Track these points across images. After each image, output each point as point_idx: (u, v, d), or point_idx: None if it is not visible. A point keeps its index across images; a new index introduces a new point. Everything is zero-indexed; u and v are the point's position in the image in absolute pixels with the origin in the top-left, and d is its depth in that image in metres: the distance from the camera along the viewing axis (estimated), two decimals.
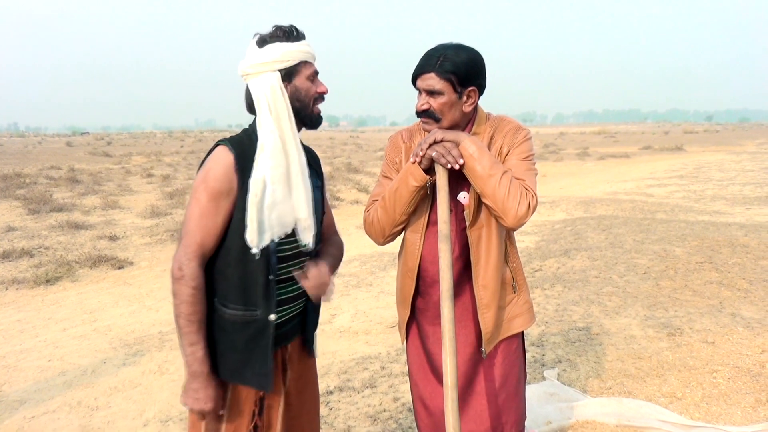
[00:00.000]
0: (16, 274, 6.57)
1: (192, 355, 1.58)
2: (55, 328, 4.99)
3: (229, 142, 1.63)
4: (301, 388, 1.83)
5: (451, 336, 1.67)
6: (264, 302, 1.62)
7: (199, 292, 1.58)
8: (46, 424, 3.32)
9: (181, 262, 1.58)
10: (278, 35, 1.63)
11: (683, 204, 10.68)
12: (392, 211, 1.84)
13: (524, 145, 1.82)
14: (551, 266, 6.13)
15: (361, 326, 4.72)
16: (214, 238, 1.60)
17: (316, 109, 1.71)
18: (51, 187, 13.82)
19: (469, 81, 1.76)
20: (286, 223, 1.62)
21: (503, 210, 1.68)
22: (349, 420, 3.13)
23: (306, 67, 1.66)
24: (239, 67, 1.65)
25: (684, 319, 4.28)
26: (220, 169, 1.59)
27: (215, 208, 1.59)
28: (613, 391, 3.23)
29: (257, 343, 1.63)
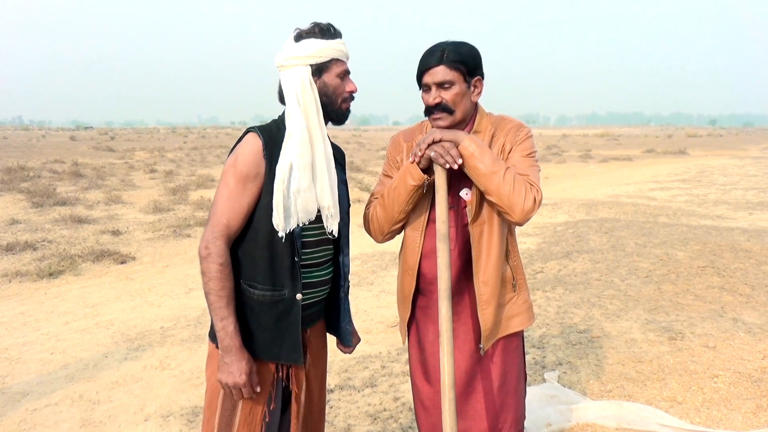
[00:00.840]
0: (20, 267, 6.59)
1: (223, 329, 1.64)
2: (58, 321, 5.00)
3: (259, 129, 1.71)
4: (320, 379, 1.90)
5: (449, 335, 1.68)
6: (291, 283, 1.69)
7: (226, 268, 1.64)
8: (48, 417, 3.34)
9: (208, 241, 1.64)
10: (314, 31, 1.70)
11: (686, 208, 10.67)
12: (390, 209, 1.87)
13: (526, 142, 1.84)
14: (553, 268, 6.14)
15: (362, 325, 4.73)
16: (240, 220, 1.67)
17: (344, 106, 1.77)
18: (55, 181, 13.86)
19: (476, 70, 1.82)
20: (310, 209, 1.68)
21: (509, 205, 1.70)
22: (350, 419, 3.14)
23: (337, 64, 1.72)
24: (276, 58, 1.72)
25: (685, 323, 4.28)
26: (249, 154, 1.67)
27: (242, 191, 1.66)
28: (613, 395, 3.23)
29: (286, 320, 1.70)
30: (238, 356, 1.64)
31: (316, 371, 1.88)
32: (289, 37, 1.73)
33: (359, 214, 2.15)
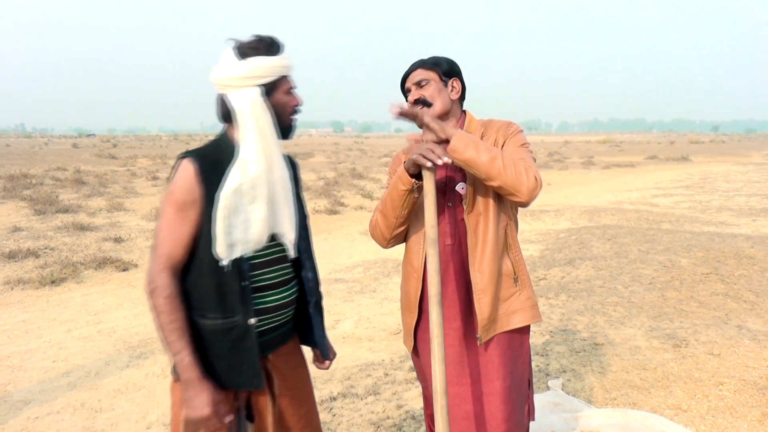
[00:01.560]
0: (22, 275, 6.59)
1: (180, 363, 1.60)
2: (60, 329, 5.00)
3: (192, 154, 1.64)
4: (300, 401, 1.82)
5: (440, 341, 1.68)
6: (242, 308, 1.63)
7: (174, 300, 1.60)
8: (49, 425, 3.33)
9: (152, 275, 1.60)
10: (260, 48, 1.61)
11: (689, 214, 10.65)
12: (388, 215, 1.92)
13: (518, 135, 1.90)
14: (556, 275, 6.12)
15: (364, 332, 4.71)
16: (182, 249, 1.62)
17: (290, 120, 1.72)
18: (57, 188, 13.89)
19: (452, 73, 1.93)
20: (261, 239, 1.63)
21: (514, 186, 1.71)
22: (352, 427, 3.12)
23: (284, 81, 1.67)
24: (214, 75, 1.62)
25: (689, 330, 4.26)
26: (184, 181, 1.60)
27: (181, 219, 1.61)
28: (617, 402, 3.21)
29: (241, 347, 1.65)
30: (199, 388, 1.60)
31: (293, 395, 1.81)
32: (227, 51, 1.62)
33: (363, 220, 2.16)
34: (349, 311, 5.30)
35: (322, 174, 18.43)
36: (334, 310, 5.33)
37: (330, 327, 4.87)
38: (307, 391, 1.86)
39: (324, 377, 3.81)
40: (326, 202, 12.14)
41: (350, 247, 8.29)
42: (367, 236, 8.91)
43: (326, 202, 12.14)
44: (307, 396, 1.85)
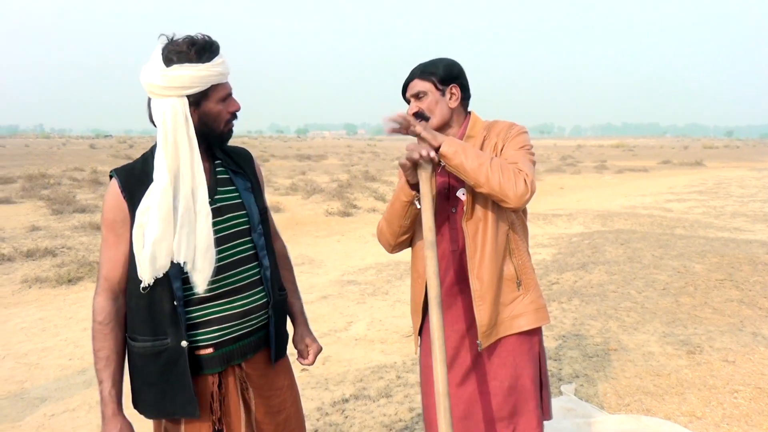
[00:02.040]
0: (39, 273, 6.68)
1: (100, 393, 1.55)
2: (76, 327, 5.06)
3: (117, 170, 1.58)
4: (277, 409, 1.75)
5: (441, 343, 1.67)
6: (173, 329, 1.54)
7: (105, 327, 1.55)
8: (65, 422, 3.38)
9: (93, 300, 1.58)
10: (189, 54, 1.49)
11: (703, 220, 10.55)
12: (391, 223, 1.95)
13: (518, 137, 1.88)
14: (568, 279, 6.10)
15: (376, 335, 4.73)
16: (119, 269, 1.56)
17: (226, 128, 1.62)
18: (74, 188, 14.05)
19: (449, 80, 1.91)
20: (158, 264, 1.50)
21: (502, 192, 1.71)
22: (365, 429, 3.14)
23: (217, 89, 1.55)
24: (142, 78, 1.52)
25: (704, 337, 4.23)
26: (109, 200, 1.55)
27: (115, 239, 1.55)
28: (631, 408, 3.20)
29: (172, 371, 1.55)
30: (110, 425, 1.54)
31: (269, 402, 1.73)
32: (155, 54, 1.50)
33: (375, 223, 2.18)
34: (361, 313, 5.32)
35: (335, 176, 18.49)
36: (346, 312, 5.35)
37: (342, 329, 4.89)
38: (286, 398, 1.78)
39: (336, 379, 3.83)
40: (339, 204, 12.18)
41: (363, 249, 8.32)
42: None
43: (339, 204, 12.18)
44: (285, 403, 1.77)
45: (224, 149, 1.71)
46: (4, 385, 3.89)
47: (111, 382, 1.55)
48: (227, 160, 1.70)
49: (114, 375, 1.56)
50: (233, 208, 1.65)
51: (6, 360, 4.34)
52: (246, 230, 1.67)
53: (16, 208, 11.02)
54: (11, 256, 7.27)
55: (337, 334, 4.76)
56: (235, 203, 1.66)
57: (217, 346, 1.60)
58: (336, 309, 5.45)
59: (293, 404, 1.81)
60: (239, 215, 1.66)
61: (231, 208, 1.65)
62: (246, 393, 1.68)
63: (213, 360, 1.61)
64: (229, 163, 1.70)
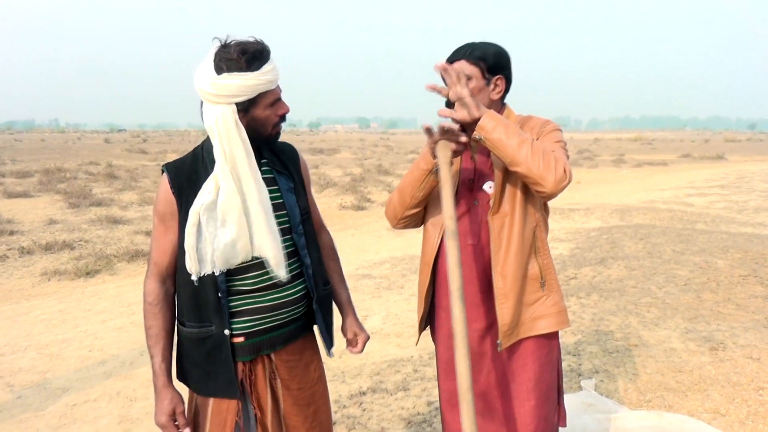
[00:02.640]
0: (58, 266, 6.76)
1: (152, 368, 1.66)
2: (95, 319, 5.11)
3: (168, 166, 1.65)
4: (307, 400, 1.79)
5: (463, 336, 1.61)
6: (217, 318, 1.63)
7: (154, 308, 1.65)
8: (87, 412, 3.41)
9: (144, 282, 1.68)
10: (239, 63, 1.51)
11: (725, 215, 10.38)
12: (404, 192, 1.88)
13: (553, 133, 1.82)
14: (587, 275, 6.03)
15: (392, 328, 4.71)
16: (167, 256, 1.65)
17: (275, 130, 1.66)
18: (90, 182, 14.22)
19: (497, 69, 1.81)
20: (232, 261, 1.60)
21: (540, 175, 1.63)
22: (383, 422, 3.13)
23: (266, 96, 1.58)
24: (195, 80, 1.56)
25: (727, 333, 4.15)
26: (160, 194, 1.64)
27: (164, 229, 1.65)
28: (652, 405, 3.15)
29: (216, 356, 1.65)
30: (162, 395, 1.64)
31: (298, 394, 1.78)
32: (207, 60, 1.53)
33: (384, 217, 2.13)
34: (376, 307, 5.30)
35: (348, 170, 18.49)
36: (361, 306, 5.34)
37: None
38: (315, 390, 1.82)
39: (353, 372, 3.82)
40: (353, 198, 12.17)
41: (377, 243, 8.30)
42: (394, 232, 8.90)
43: (353, 198, 12.17)
44: (315, 396, 1.82)
45: (271, 147, 1.76)
46: (27, 376, 3.94)
47: (161, 357, 1.65)
48: (273, 160, 1.75)
49: (164, 350, 1.65)
50: (275, 208, 1.69)
51: (28, 351, 4.39)
52: (287, 229, 1.72)
53: (33, 202, 11.18)
54: (30, 249, 7.37)
55: None
56: (276, 203, 1.70)
57: (248, 336, 1.67)
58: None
59: (322, 396, 1.85)
60: (280, 215, 1.70)
61: (273, 208, 1.69)
62: (274, 383, 1.74)
63: (244, 348, 1.68)
64: (274, 162, 1.75)
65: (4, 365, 4.13)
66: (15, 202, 11.06)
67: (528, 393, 1.83)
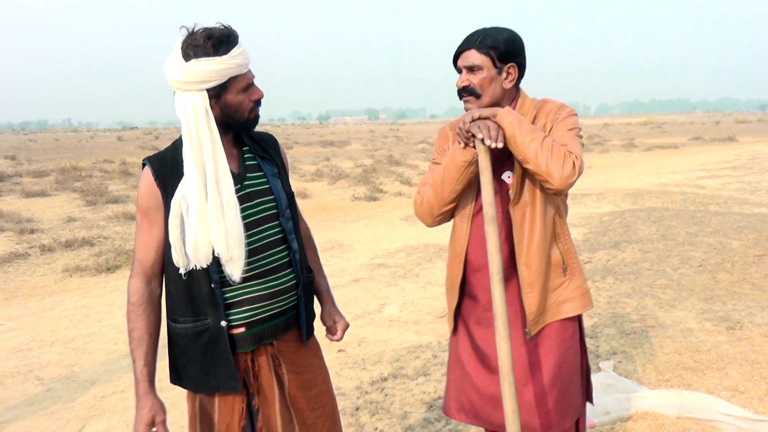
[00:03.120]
0: (79, 262, 6.89)
1: (134, 372, 1.61)
2: (118, 313, 5.21)
3: (150, 159, 1.63)
4: (309, 384, 1.80)
5: (504, 319, 1.66)
6: (212, 310, 1.60)
7: (138, 308, 1.60)
8: (115, 403, 3.50)
9: (128, 282, 1.63)
10: (206, 48, 1.49)
11: (737, 196, 10.32)
12: (441, 189, 1.86)
13: (568, 119, 1.83)
14: (601, 258, 6.05)
15: (410, 316, 4.77)
16: (152, 254, 1.61)
17: (251, 115, 1.64)
18: (105, 180, 14.36)
19: (509, 57, 1.79)
20: (201, 255, 1.55)
21: (548, 172, 1.67)
22: (405, 406, 3.19)
23: (237, 80, 1.56)
24: (165, 70, 1.53)
25: (743, 312, 4.17)
26: (143, 187, 1.60)
27: (149, 224, 1.60)
28: (671, 384, 3.19)
29: (214, 349, 1.61)
30: (141, 403, 1.58)
31: (301, 378, 1.78)
32: (175, 48, 1.51)
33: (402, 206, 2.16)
34: (393, 295, 5.36)
35: (359, 161, 18.51)
36: (378, 295, 5.40)
37: (375, 311, 4.95)
38: (317, 375, 1.83)
39: (373, 359, 3.89)
40: (365, 189, 12.21)
41: (391, 233, 8.35)
42: (408, 222, 8.95)
43: (365, 189, 12.21)
44: (317, 380, 1.83)
45: (251, 135, 1.74)
46: (56, 369, 4.04)
47: (143, 362, 1.60)
48: (254, 146, 1.73)
49: (146, 354, 1.60)
50: (262, 193, 1.69)
51: (55, 345, 4.51)
52: (274, 215, 1.70)
53: (51, 201, 11.33)
54: (51, 246, 7.49)
55: (370, 316, 4.82)
56: (263, 189, 1.70)
57: (249, 325, 1.66)
58: (368, 292, 5.50)
59: (323, 381, 1.86)
60: (268, 200, 1.70)
61: (260, 194, 1.68)
62: (279, 369, 1.74)
63: (245, 339, 1.66)
64: (256, 149, 1.73)
65: (32, 359, 4.24)
66: (33, 201, 11.22)
67: (553, 379, 1.86)
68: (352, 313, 4.83)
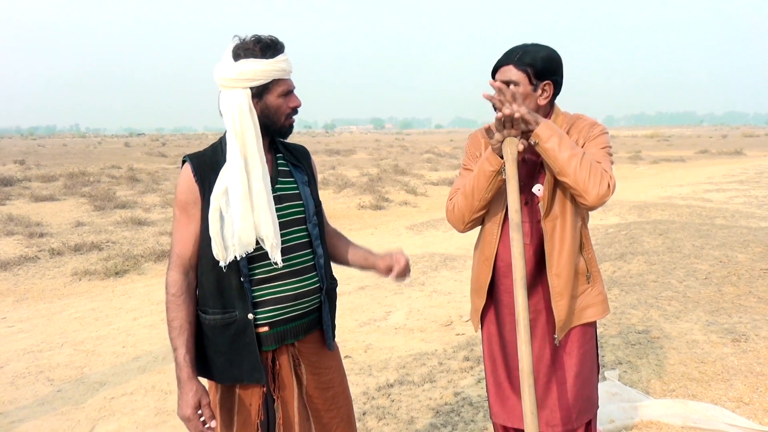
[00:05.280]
0: (88, 266, 6.95)
1: (175, 360, 1.67)
2: (126, 317, 5.27)
3: (190, 156, 1.72)
4: (326, 385, 1.86)
5: (526, 324, 1.71)
6: (240, 303, 1.67)
7: (177, 299, 1.67)
8: (125, 404, 3.55)
9: (166, 274, 1.70)
10: (254, 50, 1.62)
11: (744, 210, 10.31)
12: (471, 197, 1.92)
13: (600, 138, 1.89)
14: (607, 270, 6.06)
15: (416, 324, 4.80)
16: (189, 247, 1.69)
17: (287, 122, 1.74)
18: (113, 185, 14.48)
19: (545, 75, 1.85)
20: (245, 242, 1.63)
21: (585, 189, 1.74)
22: (412, 411, 3.22)
23: (279, 84, 1.67)
24: (214, 73, 1.67)
25: (749, 325, 4.18)
26: (183, 183, 1.68)
27: (187, 219, 1.68)
28: (676, 394, 3.20)
29: (240, 342, 1.68)
30: (186, 388, 1.64)
31: (319, 379, 1.84)
32: (227, 50, 1.65)
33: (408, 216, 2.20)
34: (399, 303, 5.40)
35: (365, 170, 18.59)
36: (384, 302, 5.44)
37: (382, 318, 4.98)
38: (334, 377, 1.89)
39: (379, 366, 3.92)
40: (371, 198, 12.27)
41: (397, 242, 8.39)
42: (413, 231, 8.99)
43: (371, 198, 12.27)
44: (334, 382, 1.88)
45: (285, 144, 1.85)
46: (66, 371, 4.09)
47: (185, 349, 1.66)
48: (287, 154, 1.83)
49: (187, 342, 1.68)
50: (291, 197, 1.77)
51: (64, 347, 4.56)
52: (302, 219, 1.78)
53: (60, 205, 11.44)
54: (60, 250, 7.57)
55: (377, 323, 4.85)
56: (293, 193, 1.78)
57: (272, 325, 1.72)
58: (374, 299, 5.54)
59: (340, 384, 1.92)
60: (296, 204, 1.78)
61: (289, 198, 1.77)
62: (299, 369, 1.81)
63: (268, 338, 1.73)
64: (289, 157, 1.83)
65: (42, 361, 4.29)
66: (42, 205, 11.33)
67: (574, 378, 1.95)
68: (358, 320, 4.86)
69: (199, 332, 1.74)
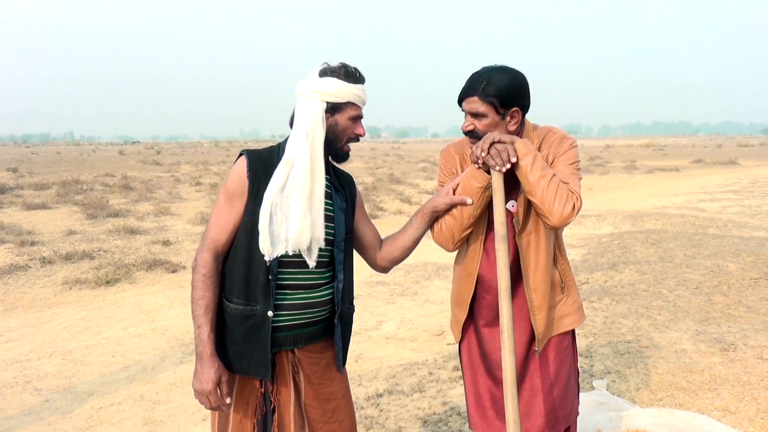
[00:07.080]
0: (79, 275, 6.92)
1: (198, 337, 1.73)
2: (116, 326, 5.25)
3: (248, 151, 1.82)
4: (326, 397, 1.89)
5: (510, 333, 1.74)
6: (263, 299, 1.74)
7: (208, 279, 1.74)
8: (113, 415, 3.52)
9: (197, 253, 1.78)
10: (339, 72, 1.78)
11: (737, 219, 10.36)
12: (460, 216, 1.91)
13: (569, 152, 1.91)
14: (598, 279, 6.08)
15: (407, 333, 4.80)
16: (226, 235, 1.77)
17: (347, 147, 1.86)
18: (106, 194, 14.45)
19: (512, 103, 1.85)
20: (302, 239, 1.73)
21: (549, 210, 1.77)
22: (400, 421, 3.21)
23: (352, 108, 1.80)
24: (297, 86, 1.81)
25: (738, 335, 4.20)
26: (235, 174, 1.78)
27: (229, 208, 1.77)
28: (663, 403, 3.21)
29: (256, 335, 1.75)
30: (208, 364, 1.71)
31: (318, 390, 1.88)
32: (315, 69, 1.81)
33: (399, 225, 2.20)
34: (391, 313, 5.39)
35: (360, 179, 18.62)
36: (376, 312, 5.43)
37: (373, 328, 4.97)
38: (336, 390, 1.91)
39: (369, 375, 3.91)
40: (366, 207, 12.27)
41: None
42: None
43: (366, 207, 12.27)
44: (336, 394, 1.91)
45: (334, 168, 1.93)
46: (54, 380, 4.07)
47: (209, 327, 1.74)
48: (334, 178, 1.92)
49: (212, 321, 1.75)
50: (326, 219, 1.83)
51: (53, 356, 4.53)
52: (330, 241, 1.85)
53: (52, 213, 11.40)
54: (51, 258, 7.54)
55: (368, 333, 4.84)
56: (327, 215, 1.84)
57: (281, 329, 1.79)
58: (366, 309, 5.53)
59: (343, 396, 1.95)
60: (329, 227, 1.84)
61: (324, 218, 1.82)
62: (297, 376, 1.86)
63: (277, 339, 1.79)
64: (334, 180, 1.91)
65: (31, 370, 4.27)
66: (34, 213, 11.29)
67: (551, 385, 1.97)
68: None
69: (219, 318, 1.79)
